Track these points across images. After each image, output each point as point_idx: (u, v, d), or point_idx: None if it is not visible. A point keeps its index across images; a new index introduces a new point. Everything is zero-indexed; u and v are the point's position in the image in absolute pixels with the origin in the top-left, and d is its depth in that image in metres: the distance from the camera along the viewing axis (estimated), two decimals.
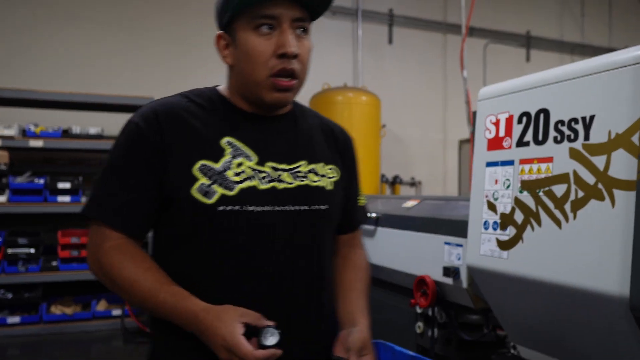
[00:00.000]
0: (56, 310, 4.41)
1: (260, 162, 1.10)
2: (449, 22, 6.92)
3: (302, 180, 1.14)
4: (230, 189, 1.05)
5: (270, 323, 1.00)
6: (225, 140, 1.09)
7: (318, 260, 1.16)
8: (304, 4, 1.08)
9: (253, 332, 0.99)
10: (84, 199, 4.48)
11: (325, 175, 1.19)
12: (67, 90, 4.76)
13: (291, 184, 1.12)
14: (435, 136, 6.93)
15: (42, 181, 4.35)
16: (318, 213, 1.15)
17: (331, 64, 6.22)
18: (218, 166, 1.05)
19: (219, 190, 1.04)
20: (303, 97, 6.06)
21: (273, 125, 1.16)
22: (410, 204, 2.64)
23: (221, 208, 1.04)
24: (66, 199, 4.40)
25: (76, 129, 4.58)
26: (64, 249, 4.42)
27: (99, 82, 5.21)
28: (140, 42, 5.52)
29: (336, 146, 1.28)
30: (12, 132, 4.33)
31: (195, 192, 1.03)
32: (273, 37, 1.06)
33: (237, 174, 1.06)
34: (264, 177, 1.09)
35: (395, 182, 6.60)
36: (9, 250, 4.31)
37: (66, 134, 4.53)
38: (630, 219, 1.21)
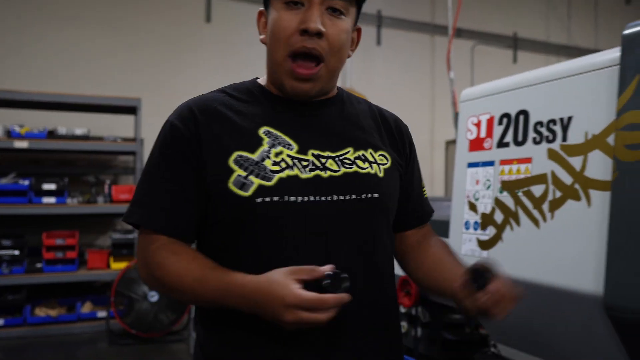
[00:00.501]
0: (40, 312, 4.38)
1: (302, 151, 1.03)
2: (436, 23, 6.95)
3: (350, 168, 1.05)
4: (268, 179, 0.98)
5: (328, 269, 0.90)
6: (263, 130, 1.03)
7: (372, 253, 1.07)
8: None
9: (312, 287, 0.90)
10: (69, 200, 4.46)
11: (375, 162, 1.10)
12: (54, 90, 4.73)
13: (337, 171, 1.03)
14: (423, 137, 6.95)
15: (27, 182, 4.31)
16: (368, 202, 1.05)
17: None
18: (255, 156, 1.00)
19: (256, 181, 0.98)
20: None
21: (316, 111, 1.09)
22: None
23: (259, 200, 0.97)
24: (51, 200, 4.37)
25: (62, 130, 4.54)
26: (49, 251, 4.39)
27: (86, 83, 5.18)
28: (129, 43, 5.49)
29: (389, 133, 1.18)
30: None
31: (231, 184, 0.98)
32: (301, 12, 1.00)
33: (276, 164, 1.00)
34: (305, 166, 1.02)
35: None
36: None
37: (52, 134, 4.50)
38: (606, 218, 1.23)
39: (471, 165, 1.69)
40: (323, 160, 1.03)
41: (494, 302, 0.95)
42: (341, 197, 1.02)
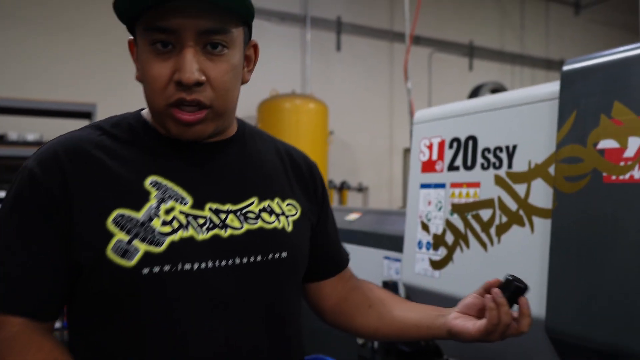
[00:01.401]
0: None
1: (197, 205, 0.88)
2: (395, 30, 7.06)
3: (254, 223, 0.93)
4: (157, 244, 0.82)
5: None
6: (149, 181, 0.86)
7: (281, 319, 0.95)
8: (217, 8, 0.82)
9: None
10: None
11: (282, 214, 0.98)
12: (4, 94, 4.59)
13: (239, 228, 0.90)
14: (381, 142, 7.06)
15: None
16: (276, 263, 0.94)
17: (279, 71, 6.24)
18: (140, 215, 0.83)
19: (141, 247, 0.81)
20: (251, 104, 6.00)
21: (212, 154, 0.94)
22: (352, 217, 2.70)
23: (146, 270, 0.81)
24: None
25: (13, 136, 4.42)
26: None
27: (39, 86, 5.04)
28: (84, 46, 5.37)
29: (298, 176, 1.07)
30: None
31: (110, 252, 0.81)
32: (172, 57, 0.83)
33: (166, 223, 0.84)
34: (202, 224, 0.87)
35: (343, 187, 6.70)
36: None
37: (2, 140, 4.36)
38: (547, 245, 1.29)
39: (424, 186, 1.74)
40: (222, 216, 0.90)
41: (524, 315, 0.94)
42: (244, 260, 0.90)
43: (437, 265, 1.65)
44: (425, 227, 1.72)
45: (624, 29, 8.17)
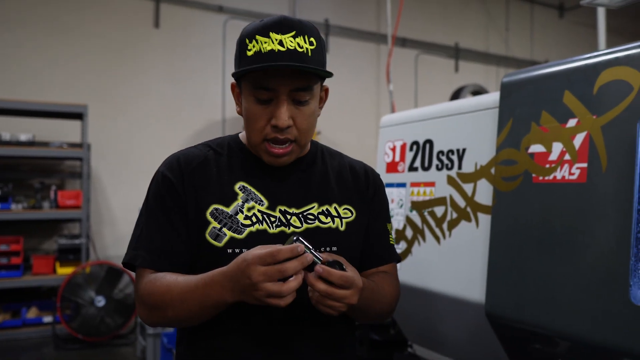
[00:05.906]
0: None
1: (271, 207, 1.14)
2: (382, 32, 7.21)
3: (312, 223, 1.16)
4: (239, 233, 1.10)
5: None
6: (238, 185, 1.15)
7: None
8: (306, 73, 1.08)
9: None
10: (14, 206, 4.45)
11: (338, 216, 1.19)
12: None
13: (299, 227, 1.15)
14: (369, 142, 7.21)
15: None
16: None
17: None
18: (229, 210, 1.12)
19: (228, 234, 1.10)
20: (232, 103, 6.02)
21: (287, 169, 1.19)
22: None
23: (230, 250, 1.08)
24: None
25: (6, 136, 4.52)
26: None
27: (31, 87, 5.13)
28: (76, 48, 5.46)
29: (357, 185, 1.26)
30: None
31: (207, 235, 1.10)
32: (270, 106, 1.08)
33: (247, 218, 1.12)
34: (273, 222, 1.13)
35: None
36: None
37: None
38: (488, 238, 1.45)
39: (388, 185, 1.89)
40: (288, 217, 1.15)
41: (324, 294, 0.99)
42: None
43: None
44: None
45: (607, 31, 8.35)
